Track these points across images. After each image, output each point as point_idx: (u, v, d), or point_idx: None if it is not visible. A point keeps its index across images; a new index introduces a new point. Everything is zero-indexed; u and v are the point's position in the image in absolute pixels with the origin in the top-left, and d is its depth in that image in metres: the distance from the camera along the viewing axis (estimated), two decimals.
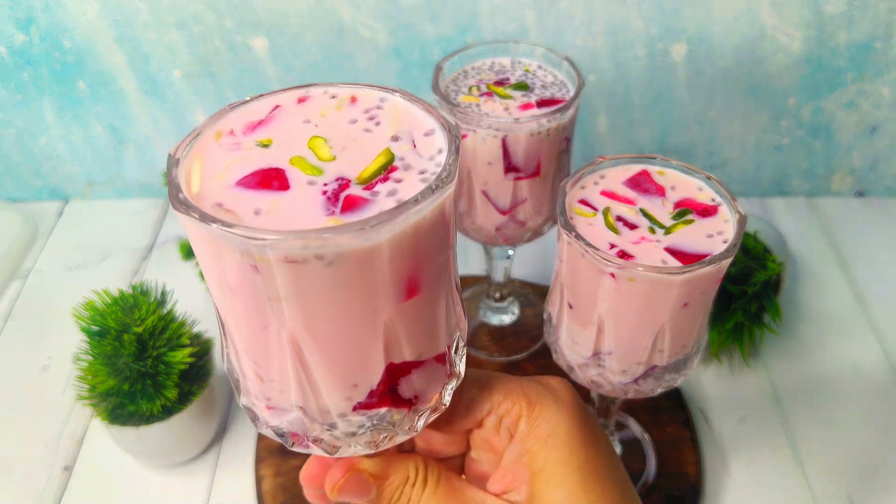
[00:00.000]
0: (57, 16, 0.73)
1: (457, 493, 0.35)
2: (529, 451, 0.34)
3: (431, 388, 0.32)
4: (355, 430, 0.30)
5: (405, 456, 0.36)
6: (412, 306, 0.28)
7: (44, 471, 0.60)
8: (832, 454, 0.62)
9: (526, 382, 0.36)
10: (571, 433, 0.34)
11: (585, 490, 0.32)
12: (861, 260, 0.80)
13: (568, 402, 0.35)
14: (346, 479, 0.35)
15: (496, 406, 0.35)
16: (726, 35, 0.75)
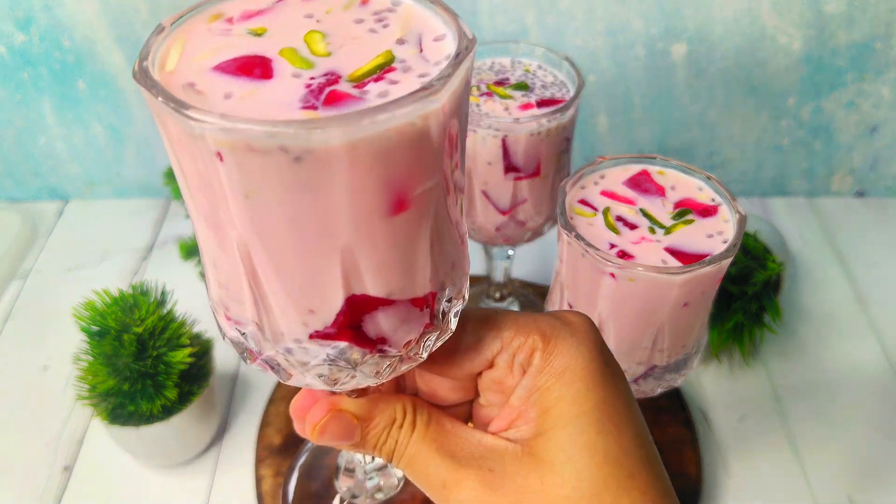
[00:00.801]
0: (57, 15, 0.73)
1: (449, 435, 0.32)
2: (541, 388, 0.31)
3: (402, 335, 0.29)
4: (311, 360, 0.28)
5: (392, 397, 0.34)
6: (379, 233, 0.25)
7: (44, 471, 0.60)
8: (832, 454, 0.62)
9: (540, 317, 0.33)
10: (589, 369, 0.30)
11: (598, 431, 0.29)
12: (861, 260, 0.80)
13: (587, 336, 0.32)
14: (328, 420, 0.33)
15: (507, 343, 0.32)
16: (726, 35, 0.75)
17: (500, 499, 0.29)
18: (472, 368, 0.33)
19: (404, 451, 0.32)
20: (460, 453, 0.31)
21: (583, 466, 0.29)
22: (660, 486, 0.30)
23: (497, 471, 0.30)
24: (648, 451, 0.30)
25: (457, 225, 0.30)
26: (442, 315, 0.30)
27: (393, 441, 0.32)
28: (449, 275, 0.29)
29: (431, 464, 0.31)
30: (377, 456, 0.33)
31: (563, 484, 0.29)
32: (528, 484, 0.29)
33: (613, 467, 0.29)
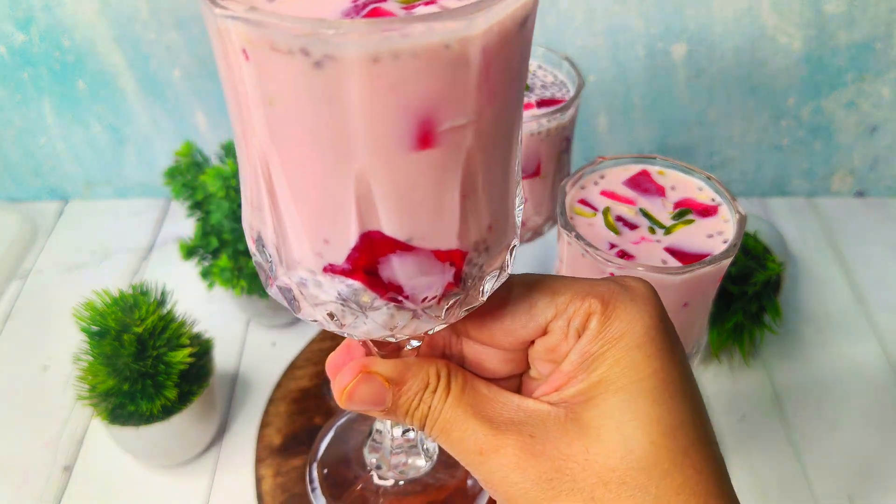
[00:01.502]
0: (56, 15, 0.73)
1: (486, 399, 0.30)
2: (595, 353, 0.28)
3: (420, 288, 0.27)
4: (322, 295, 0.27)
5: (425, 360, 0.31)
6: (398, 167, 0.23)
7: (43, 471, 0.60)
8: (832, 454, 0.62)
9: (598, 281, 0.30)
10: (648, 336, 0.28)
11: (653, 401, 0.27)
12: (861, 260, 0.80)
13: (648, 302, 0.29)
14: (357, 383, 0.31)
15: (563, 309, 0.30)
16: (727, 35, 0.75)
17: (541, 465, 0.27)
18: (525, 336, 0.31)
19: (438, 416, 0.30)
20: (498, 418, 0.29)
21: (633, 437, 0.27)
22: (715, 469, 0.27)
23: (538, 437, 0.28)
24: (706, 428, 0.28)
25: (503, 184, 0.27)
26: (470, 280, 0.28)
27: (426, 406, 0.30)
28: (484, 237, 0.27)
29: (468, 429, 0.29)
30: (410, 424, 0.31)
31: (610, 454, 0.27)
32: (571, 452, 0.27)
33: (667, 440, 0.27)
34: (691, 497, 0.26)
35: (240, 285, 0.62)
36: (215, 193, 0.61)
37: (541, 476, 0.27)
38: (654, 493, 0.26)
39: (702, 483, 0.27)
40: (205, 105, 0.80)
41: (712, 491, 0.27)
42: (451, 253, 0.26)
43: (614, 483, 0.26)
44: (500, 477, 0.28)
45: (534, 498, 0.27)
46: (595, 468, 0.27)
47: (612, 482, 0.26)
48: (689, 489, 0.26)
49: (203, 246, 0.64)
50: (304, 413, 0.63)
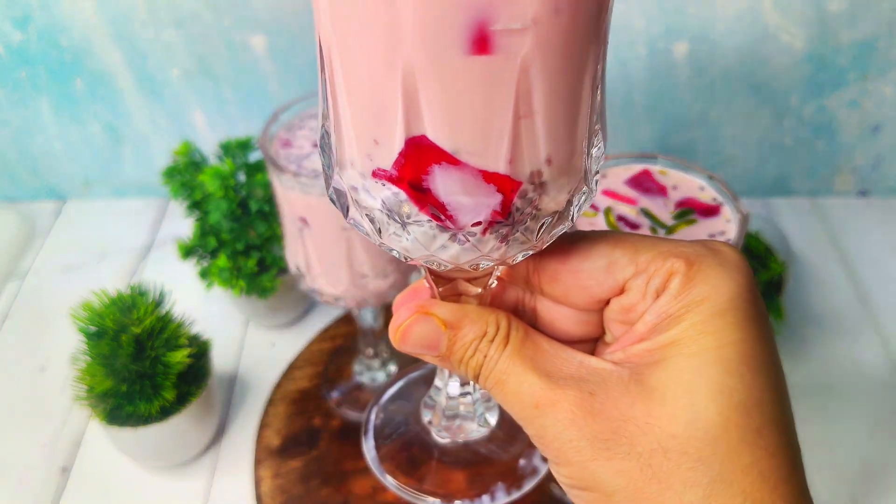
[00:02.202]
0: (54, 14, 0.73)
1: (546, 354, 0.28)
2: (673, 315, 0.26)
3: (463, 208, 0.25)
4: (369, 201, 0.26)
5: (485, 308, 0.30)
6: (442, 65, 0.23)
7: (41, 472, 0.60)
8: (835, 454, 0.61)
9: (684, 242, 0.28)
10: (734, 304, 0.26)
11: (728, 371, 0.25)
12: (864, 260, 0.80)
13: (738, 269, 0.27)
14: (413, 322, 0.29)
15: (644, 267, 0.27)
16: (728, 34, 0.74)
17: (598, 424, 0.26)
18: (600, 294, 0.29)
19: (494, 366, 0.28)
20: (558, 373, 0.27)
21: (701, 405, 0.24)
22: (789, 455, 0.25)
23: (598, 395, 0.26)
24: (785, 411, 0.26)
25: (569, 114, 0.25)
26: (519, 215, 0.26)
27: (482, 355, 0.29)
28: (540, 170, 0.25)
29: (524, 382, 0.27)
30: (464, 374, 0.30)
31: (674, 420, 0.25)
32: (632, 414, 0.25)
33: (739, 415, 0.24)
34: (758, 479, 0.24)
35: (238, 286, 0.62)
36: (214, 193, 0.60)
37: (597, 435, 0.26)
38: (717, 469, 0.24)
39: (773, 467, 0.24)
40: (203, 104, 0.80)
41: (783, 476, 0.25)
42: (499, 177, 0.25)
43: (675, 451, 0.24)
44: (554, 433, 0.26)
45: (587, 458, 0.26)
46: (656, 433, 0.25)
47: (673, 450, 0.24)
48: (758, 471, 0.24)
49: (201, 246, 0.64)
50: (303, 414, 0.63)
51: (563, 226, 0.28)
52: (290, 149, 0.53)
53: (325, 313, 0.73)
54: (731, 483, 0.24)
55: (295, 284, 0.64)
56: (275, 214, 0.62)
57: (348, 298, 0.55)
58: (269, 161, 0.50)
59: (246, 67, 0.77)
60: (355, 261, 0.52)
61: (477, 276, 0.30)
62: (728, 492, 0.24)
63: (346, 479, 0.58)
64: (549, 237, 0.28)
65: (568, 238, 0.29)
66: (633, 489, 0.25)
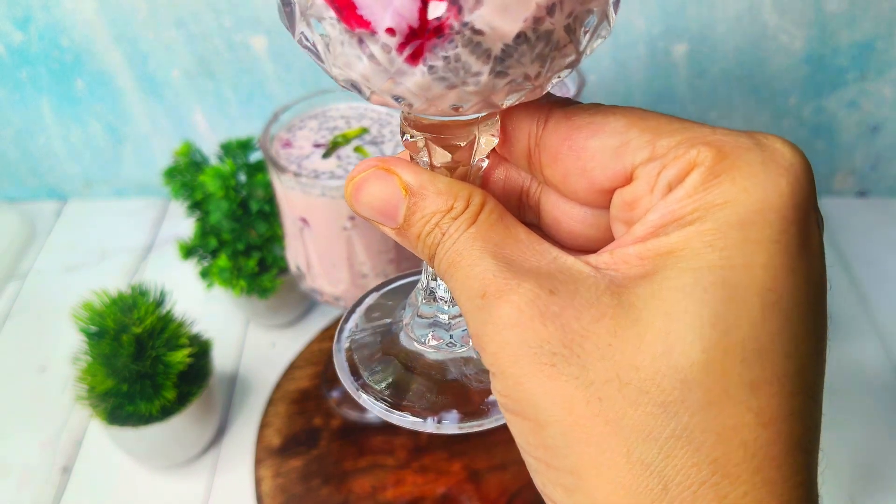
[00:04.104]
0: (55, 15, 0.73)
1: (516, 242, 0.22)
2: (683, 217, 0.20)
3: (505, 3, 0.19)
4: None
5: (461, 182, 0.24)
6: None
7: (42, 472, 0.60)
8: (834, 455, 0.62)
9: (723, 130, 0.21)
10: (765, 216, 0.19)
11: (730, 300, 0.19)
12: (863, 260, 0.80)
13: (787, 169, 0.20)
14: (368, 177, 0.24)
15: (661, 152, 0.21)
16: (728, 34, 0.75)
17: (547, 331, 0.20)
18: (603, 180, 0.23)
19: (451, 246, 0.23)
20: (521, 263, 0.21)
21: (682, 335, 0.18)
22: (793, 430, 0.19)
23: (560, 296, 0.20)
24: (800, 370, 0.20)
25: None
26: (564, 7, 0.20)
27: (440, 232, 0.23)
28: None
29: (478, 265, 0.22)
30: (420, 253, 0.24)
31: (643, 348, 0.19)
32: (595, 329, 0.19)
33: (731, 361, 0.18)
34: (739, 449, 0.18)
35: (239, 285, 0.62)
36: (214, 193, 0.60)
37: (542, 345, 0.20)
38: (684, 422, 0.18)
39: (763, 440, 0.18)
40: (204, 104, 0.80)
41: (774, 456, 0.18)
42: None
43: (633, 388, 0.18)
44: (493, 331, 0.21)
45: (524, 371, 0.20)
46: (616, 359, 0.19)
47: (631, 386, 0.19)
48: (740, 440, 0.18)
49: (202, 246, 0.64)
50: (303, 414, 0.63)
51: (603, 32, 0.22)
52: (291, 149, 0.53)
53: (325, 313, 0.73)
54: (700, 445, 0.18)
55: (295, 284, 0.64)
56: (275, 214, 0.62)
57: (348, 298, 0.55)
58: (270, 161, 0.50)
59: (246, 68, 0.77)
60: (355, 261, 0.52)
61: (460, 137, 0.25)
62: (694, 457, 0.18)
63: (346, 479, 0.58)
64: (589, 45, 0.22)
65: (581, 108, 0.24)
66: (572, 424, 0.19)
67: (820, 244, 0.21)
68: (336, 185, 0.48)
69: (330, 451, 0.60)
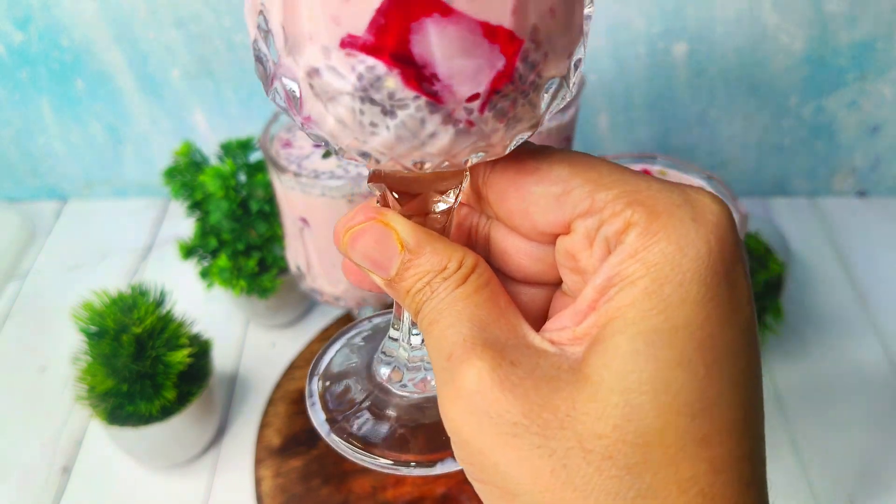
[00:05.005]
0: (55, 15, 0.73)
1: (494, 311, 0.23)
2: (624, 279, 0.21)
3: (461, 75, 0.21)
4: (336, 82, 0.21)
5: (454, 243, 0.25)
6: None
7: (42, 472, 0.60)
8: (834, 455, 0.62)
9: (658, 184, 0.23)
10: (697, 272, 0.21)
11: (677, 363, 0.20)
12: (863, 260, 0.80)
13: (715, 227, 0.21)
14: (366, 227, 0.25)
15: (599, 207, 0.22)
16: (728, 34, 0.75)
17: (509, 403, 0.21)
18: (543, 224, 0.24)
19: (435, 304, 0.24)
20: (491, 331, 0.23)
21: (638, 403, 0.20)
22: (743, 472, 0.21)
23: (522, 367, 0.22)
24: (748, 417, 0.21)
25: None
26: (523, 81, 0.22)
27: (430, 290, 0.24)
28: (544, 23, 0.22)
29: (452, 328, 0.23)
30: (407, 306, 0.25)
31: (603, 417, 0.20)
32: (553, 401, 0.21)
33: (683, 419, 0.20)
34: (698, 497, 0.20)
35: (239, 285, 0.62)
36: (214, 193, 0.60)
37: (502, 415, 0.21)
38: (647, 482, 0.20)
39: (719, 485, 0.20)
40: (204, 104, 0.80)
41: (730, 497, 0.20)
42: (502, 32, 0.21)
43: (597, 454, 0.20)
44: (454, 395, 0.22)
45: (488, 443, 0.21)
46: (577, 429, 0.20)
47: (596, 452, 0.20)
48: (698, 489, 0.20)
49: (202, 246, 0.64)
50: (303, 414, 0.63)
51: (564, 96, 0.24)
52: (291, 149, 0.53)
53: (325, 313, 0.73)
54: (664, 499, 0.20)
55: (295, 284, 0.64)
56: (275, 214, 0.62)
57: (348, 298, 0.55)
58: (270, 161, 0.50)
59: (246, 68, 0.77)
60: None
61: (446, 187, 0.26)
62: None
63: (346, 479, 0.58)
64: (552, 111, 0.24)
65: (529, 152, 0.24)
66: (542, 491, 0.20)
67: (747, 288, 0.22)
68: (336, 185, 0.48)
69: (330, 451, 0.60)
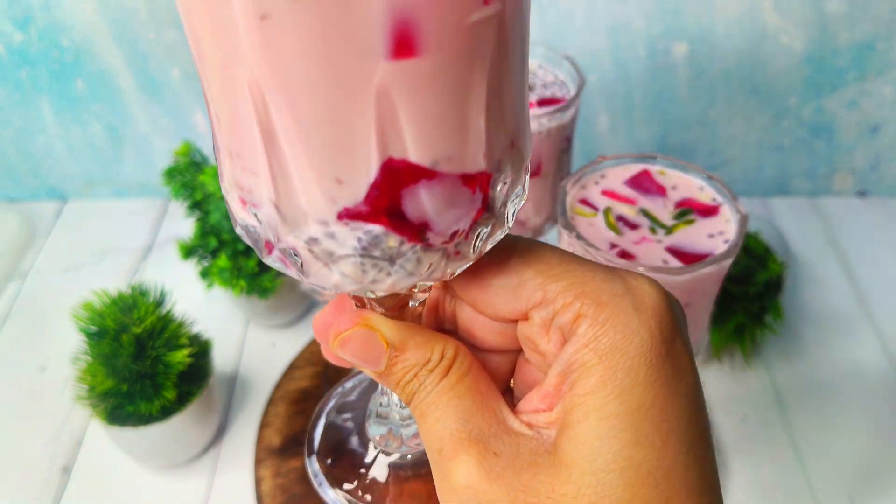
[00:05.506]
0: (55, 15, 0.73)
1: (477, 399, 0.27)
2: (581, 367, 0.24)
3: (449, 221, 0.23)
4: (338, 250, 0.23)
5: (435, 333, 0.28)
6: (421, 70, 0.21)
7: (42, 472, 0.60)
8: (833, 454, 0.62)
9: (601, 274, 0.26)
10: (644, 357, 0.24)
11: (636, 442, 0.23)
12: (862, 260, 0.80)
13: (654, 314, 0.25)
14: (353, 333, 0.28)
15: (551, 298, 0.26)
16: (728, 35, 0.75)
17: (495, 491, 0.24)
18: (506, 314, 0.27)
19: (424, 397, 0.27)
20: (475, 422, 0.26)
21: (608, 481, 0.23)
22: None
23: (504, 456, 0.25)
24: (701, 474, 0.24)
25: (522, 92, 0.25)
26: (496, 205, 0.25)
27: (418, 383, 0.27)
28: (508, 154, 0.24)
29: (441, 422, 0.26)
30: (398, 395, 0.28)
31: (578, 496, 0.23)
32: (534, 485, 0.24)
33: (647, 488, 0.23)
34: None
35: (239, 285, 0.62)
36: (214, 193, 0.60)
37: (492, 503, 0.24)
38: None
39: None
40: (203, 104, 0.80)
41: None
42: (478, 176, 0.23)
43: None
44: (449, 490, 0.25)
45: None
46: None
47: None
48: None
49: (202, 246, 0.64)
50: (303, 414, 0.63)
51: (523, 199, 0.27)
52: None
53: None
54: None
55: (295, 284, 0.64)
56: None
57: None
58: None
59: None
60: None
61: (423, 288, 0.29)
62: None
63: None
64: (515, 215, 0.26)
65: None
66: None
67: (688, 355, 0.26)
68: None
69: None
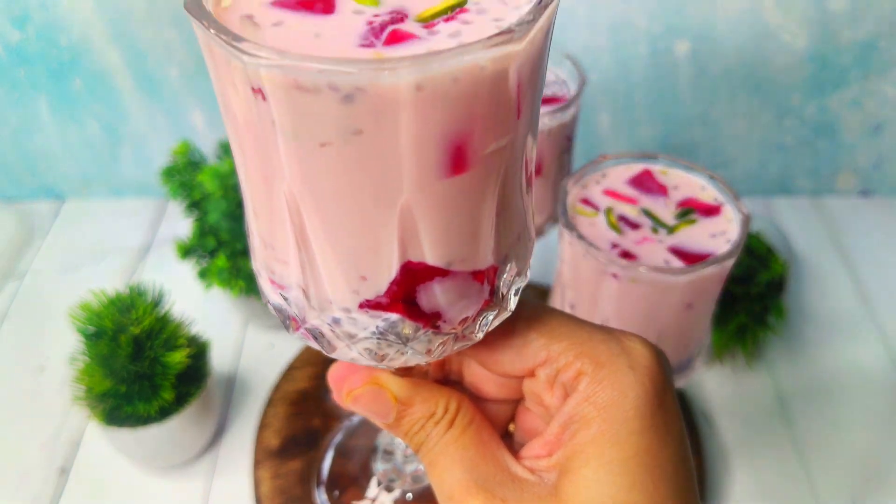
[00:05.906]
0: (53, 13, 0.73)
1: (480, 448, 0.30)
2: (582, 419, 0.27)
3: (459, 310, 0.27)
4: (359, 332, 0.26)
5: (438, 387, 0.31)
6: (442, 192, 0.23)
7: (40, 473, 0.60)
8: (836, 456, 0.61)
9: (598, 335, 0.29)
10: (638, 410, 0.27)
11: (632, 485, 0.26)
12: (866, 260, 0.79)
13: (647, 371, 0.28)
14: (364, 391, 0.31)
15: (554, 357, 0.29)
16: (730, 33, 0.74)
17: None
18: (512, 372, 0.31)
19: (432, 447, 0.30)
20: (481, 470, 0.29)
21: None
22: None
23: (509, 501, 0.28)
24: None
25: (523, 194, 0.27)
26: (502, 291, 0.28)
27: (425, 434, 0.30)
28: (513, 248, 0.27)
29: (449, 471, 0.29)
30: (407, 443, 0.31)
31: None
32: None
33: None
34: None
35: (237, 286, 0.61)
36: (213, 193, 0.60)
37: None
38: None
39: None
40: (202, 103, 0.80)
41: None
42: (486, 271, 0.26)
43: None
44: None
45: None
46: None
47: None
48: None
49: (200, 246, 0.63)
50: (302, 415, 0.62)
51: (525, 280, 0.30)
52: None
53: None
54: None
55: None
56: None
57: None
58: None
59: None
60: None
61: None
62: None
63: None
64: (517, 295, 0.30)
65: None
66: None
67: (675, 406, 0.29)
68: None
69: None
